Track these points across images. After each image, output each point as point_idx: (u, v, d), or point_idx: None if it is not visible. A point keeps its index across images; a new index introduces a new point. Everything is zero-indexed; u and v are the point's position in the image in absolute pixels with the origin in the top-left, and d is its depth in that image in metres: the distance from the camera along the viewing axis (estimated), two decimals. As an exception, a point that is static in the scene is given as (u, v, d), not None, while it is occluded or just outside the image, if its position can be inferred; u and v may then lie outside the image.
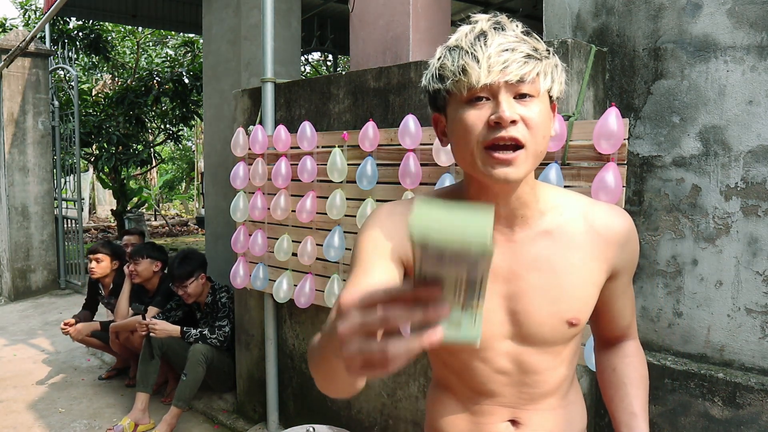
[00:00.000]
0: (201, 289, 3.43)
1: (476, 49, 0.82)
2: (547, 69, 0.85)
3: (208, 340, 3.29)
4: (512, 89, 0.82)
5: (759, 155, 1.81)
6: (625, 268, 1.00)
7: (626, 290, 1.04)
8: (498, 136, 0.82)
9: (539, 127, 0.84)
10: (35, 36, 5.82)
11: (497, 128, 0.82)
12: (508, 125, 0.81)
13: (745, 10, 1.82)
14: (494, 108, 0.82)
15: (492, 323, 0.94)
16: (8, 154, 6.49)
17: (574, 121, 1.83)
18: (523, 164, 0.84)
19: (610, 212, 0.98)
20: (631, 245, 0.99)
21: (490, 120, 0.82)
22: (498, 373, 0.97)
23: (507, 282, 0.94)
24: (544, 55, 0.85)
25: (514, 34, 0.83)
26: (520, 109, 0.83)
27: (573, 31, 2.21)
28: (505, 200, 0.91)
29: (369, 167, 2.35)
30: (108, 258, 3.98)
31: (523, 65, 0.82)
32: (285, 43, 3.91)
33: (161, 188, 16.62)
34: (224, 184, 3.78)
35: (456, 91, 0.85)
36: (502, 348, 0.95)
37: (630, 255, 0.99)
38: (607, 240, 0.96)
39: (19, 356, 4.60)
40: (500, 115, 0.81)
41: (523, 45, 0.83)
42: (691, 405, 1.89)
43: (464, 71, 0.82)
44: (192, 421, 3.39)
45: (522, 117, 0.83)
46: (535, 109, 0.84)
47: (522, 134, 0.82)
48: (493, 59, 0.81)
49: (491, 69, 0.81)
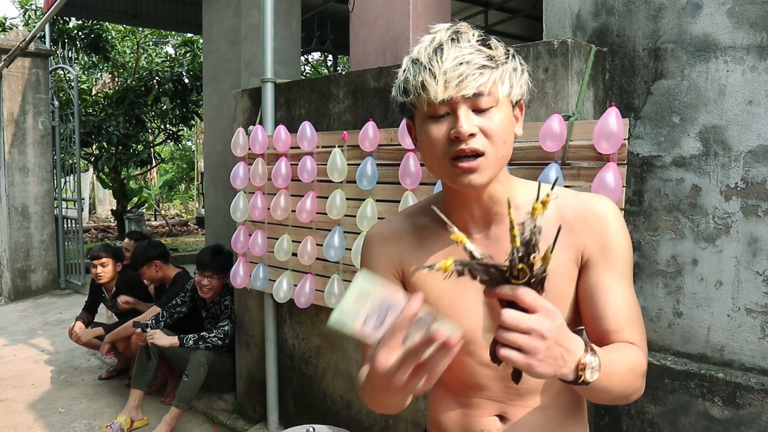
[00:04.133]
0: (221, 289, 3.43)
1: (433, 64, 0.86)
2: (503, 76, 0.88)
3: (207, 340, 3.27)
4: (470, 102, 0.87)
5: (759, 155, 1.81)
6: (595, 255, 0.94)
7: (609, 285, 0.94)
8: (459, 149, 0.87)
9: (498, 135, 0.88)
10: (35, 36, 5.82)
11: (458, 142, 0.87)
12: (466, 139, 0.87)
13: (745, 10, 1.82)
14: (453, 122, 0.87)
15: (474, 316, 0.99)
16: (8, 154, 6.49)
17: (574, 121, 1.83)
18: (486, 170, 0.89)
19: (583, 201, 0.97)
20: (601, 230, 0.94)
21: (450, 134, 0.88)
22: (483, 366, 1.00)
23: None
24: (501, 61, 0.88)
25: (469, 45, 0.87)
26: (479, 121, 0.87)
27: (573, 31, 2.21)
28: (477, 201, 0.97)
29: (369, 167, 2.35)
30: (111, 261, 3.98)
31: (479, 77, 0.86)
32: (285, 43, 3.91)
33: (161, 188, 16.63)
34: (224, 184, 3.78)
35: (419, 105, 0.90)
36: (485, 341, 0.99)
37: (599, 240, 0.94)
38: (573, 227, 0.95)
39: (19, 356, 4.60)
40: (458, 130, 0.86)
41: (478, 56, 0.86)
42: (691, 405, 1.89)
43: (423, 87, 0.87)
44: (192, 421, 3.39)
45: (480, 128, 0.87)
46: (494, 117, 0.88)
47: (481, 144, 0.87)
48: (449, 74, 0.85)
49: (447, 84, 0.85)
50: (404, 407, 0.91)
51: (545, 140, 1.82)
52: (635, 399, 0.92)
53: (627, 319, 0.94)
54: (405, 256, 1.04)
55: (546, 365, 0.73)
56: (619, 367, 0.86)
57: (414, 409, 2.42)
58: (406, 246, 1.04)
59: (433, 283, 1.01)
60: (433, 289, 1.01)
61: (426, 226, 1.04)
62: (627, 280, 0.97)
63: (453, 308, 1.00)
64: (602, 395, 0.85)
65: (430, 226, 1.03)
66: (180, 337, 3.28)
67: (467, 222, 0.99)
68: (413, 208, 1.10)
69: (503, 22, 6.65)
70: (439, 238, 1.02)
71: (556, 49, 1.90)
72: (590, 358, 0.77)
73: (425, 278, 1.01)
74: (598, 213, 0.96)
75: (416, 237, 1.04)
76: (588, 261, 0.96)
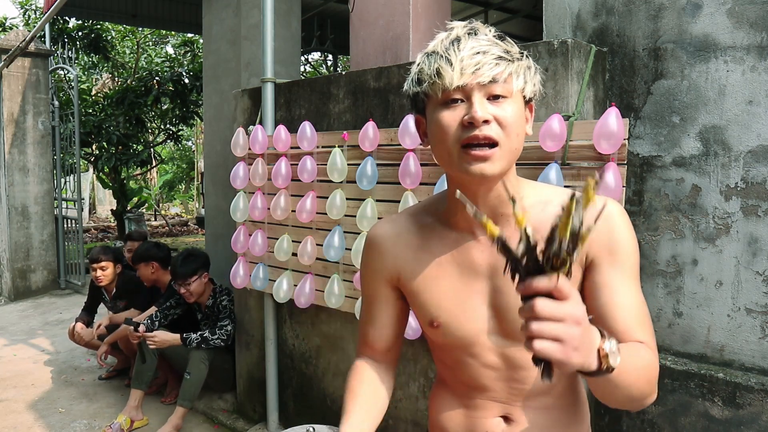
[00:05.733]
0: (203, 289, 3.41)
1: (450, 53, 0.86)
2: (519, 70, 0.88)
3: (210, 342, 3.25)
4: (485, 90, 0.86)
5: (759, 155, 1.81)
6: (602, 255, 0.93)
7: (616, 285, 0.93)
8: (472, 135, 0.86)
9: (512, 126, 0.87)
10: (35, 36, 5.82)
11: (471, 128, 0.86)
12: (480, 125, 0.85)
13: (745, 10, 1.82)
14: (468, 109, 0.87)
15: (478, 319, 0.98)
16: (8, 154, 6.49)
17: (574, 121, 1.83)
18: (499, 161, 0.88)
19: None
20: (607, 230, 0.93)
21: (464, 120, 0.87)
22: (487, 368, 1.00)
23: (490, 278, 0.97)
24: (516, 57, 0.89)
25: (486, 39, 0.87)
26: (493, 109, 0.86)
27: (573, 31, 2.21)
28: (484, 200, 0.94)
29: (369, 167, 2.35)
30: (111, 264, 3.97)
31: (495, 66, 0.85)
32: (285, 43, 3.91)
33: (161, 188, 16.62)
34: (224, 184, 3.78)
35: (432, 94, 0.89)
36: (488, 343, 0.99)
37: (605, 241, 0.93)
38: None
39: (19, 356, 4.60)
40: (473, 115, 0.85)
41: (495, 48, 0.87)
42: (691, 405, 1.89)
43: (438, 74, 0.87)
44: (192, 421, 3.39)
45: (495, 116, 0.86)
46: (508, 108, 0.87)
47: (495, 133, 0.86)
48: (465, 62, 0.85)
49: (464, 71, 0.85)
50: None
51: (545, 140, 1.82)
52: (650, 403, 0.89)
53: (635, 319, 0.93)
54: (405, 258, 1.03)
55: (580, 354, 0.69)
56: (637, 360, 0.84)
57: (414, 409, 2.42)
58: (406, 246, 1.03)
59: (434, 286, 1.00)
60: (434, 292, 1.00)
61: (428, 226, 1.03)
62: (634, 280, 0.95)
63: (456, 311, 0.99)
64: (622, 391, 0.81)
65: (433, 227, 1.02)
66: (183, 337, 3.27)
67: (472, 222, 0.97)
68: (416, 208, 1.09)
69: (503, 22, 6.65)
70: (442, 239, 1.00)
71: (556, 49, 1.90)
72: (609, 344, 0.75)
73: (427, 281, 1.01)
74: (603, 213, 0.92)
75: (418, 237, 1.03)
76: (593, 261, 0.94)
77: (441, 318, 1.00)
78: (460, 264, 0.98)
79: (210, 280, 3.49)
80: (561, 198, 0.97)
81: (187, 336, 3.27)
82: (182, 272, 3.32)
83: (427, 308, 1.01)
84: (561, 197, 0.98)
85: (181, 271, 3.32)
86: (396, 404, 2.48)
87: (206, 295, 3.45)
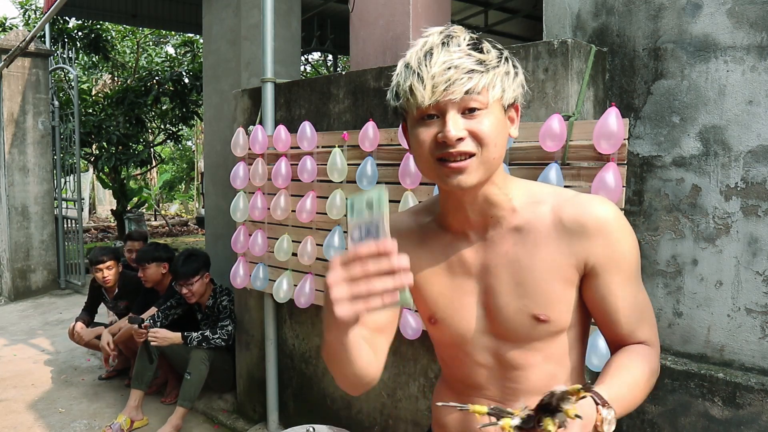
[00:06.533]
0: (204, 289, 3.42)
1: (422, 68, 0.86)
2: (494, 80, 0.87)
3: (211, 341, 3.26)
4: (459, 105, 0.86)
5: (759, 155, 1.81)
6: (602, 263, 0.93)
7: (618, 291, 0.95)
8: (446, 152, 0.87)
9: (489, 137, 0.87)
10: (35, 36, 5.82)
11: (445, 145, 0.87)
12: (454, 143, 0.86)
13: (745, 10, 1.82)
14: (441, 126, 0.87)
15: (471, 318, 1.00)
16: (8, 154, 6.49)
17: (574, 121, 1.83)
18: (475, 171, 0.88)
19: (582, 204, 0.94)
20: (605, 238, 0.93)
21: (437, 138, 0.87)
22: (480, 366, 1.02)
23: (481, 278, 0.99)
24: (492, 65, 0.87)
25: (459, 49, 0.86)
26: (468, 124, 0.87)
27: (573, 31, 2.21)
28: (472, 204, 0.96)
29: (369, 167, 2.35)
30: (114, 263, 3.96)
31: (467, 81, 0.85)
32: (285, 43, 3.91)
33: (161, 188, 16.62)
34: (224, 184, 3.78)
35: (408, 109, 0.90)
36: (481, 342, 1.01)
37: (604, 249, 0.93)
38: (573, 233, 0.93)
39: (19, 356, 4.60)
40: (446, 135, 0.86)
41: (468, 60, 0.86)
42: (691, 405, 1.89)
43: (411, 92, 0.87)
44: (192, 421, 3.39)
45: (470, 130, 0.87)
46: (485, 121, 0.87)
47: (470, 147, 0.87)
48: (436, 79, 0.85)
49: (435, 89, 0.85)
50: (367, 382, 0.94)
51: (545, 140, 1.82)
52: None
53: (638, 320, 0.97)
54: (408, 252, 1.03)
55: None
56: (634, 390, 0.90)
57: (414, 409, 2.42)
58: (409, 242, 1.05)
59: (431, 283, 1.03)
60: (432, 290, 1.03)
61: (427, 226, 1.06)
62: (636, 280, 0.97)
63: (450, 309, 1.02)
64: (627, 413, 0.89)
65: (431, 226, 1.05)
66: (184, 335, 3.28)
67: (464, 224, 0.99)
68: (418, 207, 1.11)
69: (503, 22, 6.64)
70: (438, 239, 1.03)
71: (556, 49, 1.90)
72: (605, 413, 0.79)
73: (427, 278, 1.03)
74: (600, 219, 0.93)
75: (418, 235, 1.05)
76: (594, 268, 0.94)
77: (438, 315, 1.03)
78: (455, 264, 1.01)
79: (210, 280, 3.50)
80: (552, 197, 0.98)
81: (188, 334, 3.28)
82: (184, 272, 3.32)
83: (426, 304, 1.05)
84: (552, 196, 0.98)
85: (183, 271, 3.32)
86: (396, 404, 2.48)
87: (207, 295, 3.46)
